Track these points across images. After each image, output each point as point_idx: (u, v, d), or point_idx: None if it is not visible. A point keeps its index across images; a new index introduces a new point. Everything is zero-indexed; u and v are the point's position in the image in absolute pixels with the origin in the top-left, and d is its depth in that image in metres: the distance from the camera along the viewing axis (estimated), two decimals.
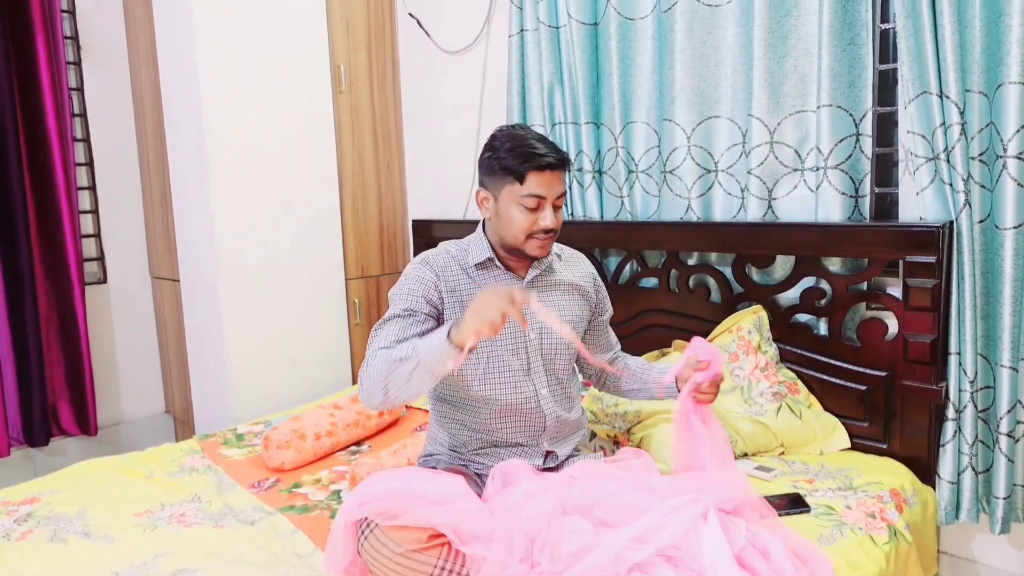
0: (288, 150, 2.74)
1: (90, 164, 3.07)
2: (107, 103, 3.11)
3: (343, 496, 1.82)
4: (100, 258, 3.12)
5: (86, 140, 3.05)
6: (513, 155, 1.40)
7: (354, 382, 3.00)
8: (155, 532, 1.62)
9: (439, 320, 1.45)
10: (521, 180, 1.40)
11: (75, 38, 3.00)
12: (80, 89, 3.03)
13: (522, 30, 2.52)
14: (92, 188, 3.08)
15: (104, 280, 3.14)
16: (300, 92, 2.76)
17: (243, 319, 2.64)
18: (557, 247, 1.60)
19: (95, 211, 3.10)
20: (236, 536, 1.60)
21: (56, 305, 2.87)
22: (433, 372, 1.28)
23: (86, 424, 2.95)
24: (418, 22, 3.00)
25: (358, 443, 2.19)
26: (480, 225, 1.54)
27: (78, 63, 3.02)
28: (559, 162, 1.41)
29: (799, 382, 2.01)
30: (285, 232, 2.74)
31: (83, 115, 3.04)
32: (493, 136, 1.46)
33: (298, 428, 2.04)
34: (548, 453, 1.52)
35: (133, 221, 3.22)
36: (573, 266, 1.62)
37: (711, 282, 2.25)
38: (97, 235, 3.11)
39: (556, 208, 1.44)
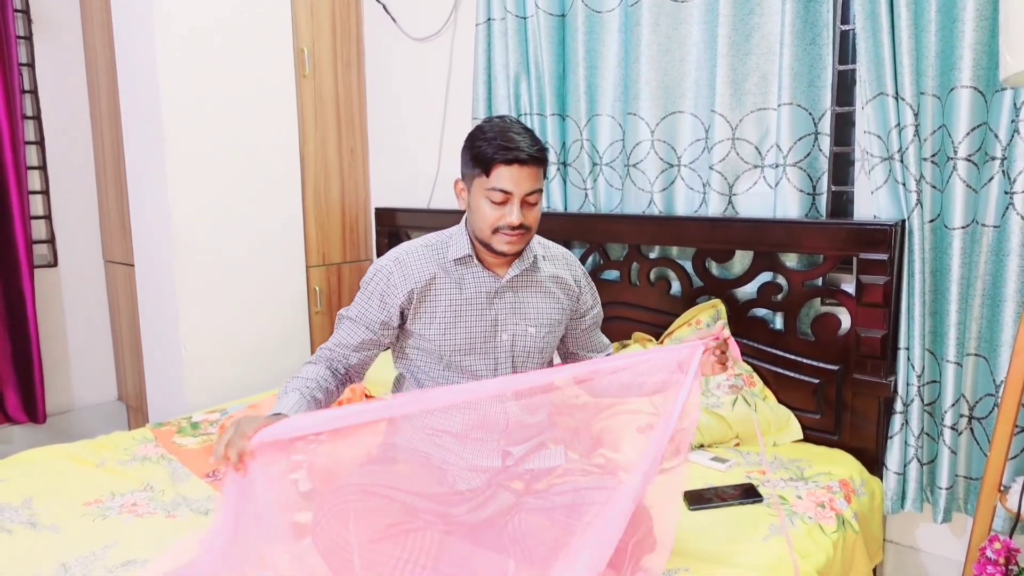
0: (249, 133, 2.68)
1: (41, 143, 2.97)
2: (59, 80, 3.01)
3: (300, 486, 1.80)
4: (51, 240, 3.03)
5: (37, 118, 2.95)
6: (484, 146, 1.36)
7: None
8: (105, 522, 1.58)
9: (394, 324, 1.44)
10: (487, 172, 1.36)
11: (26, 11, 2.89)
12: (31, 64, 2.92)
13: (489, 19, 2.51)
14: (43, 168, 2.98)
15: (55, 263, 3.04)
16: (262, 74, 2.71)
17: (200, 305, 2.59)
18: (542, 246, 1.53)
19: (45, 192, 3.00)
20: (189, 526, 1.57)
21: (3, 288, 2.77)
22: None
23: (34, 411, 2.86)
24: (384, 7, 2.97)
25: (316, 432, 2.17)
26: (464, 217, 1.49)
27: (29, 37, 2.91)
28: (530, 158, 1.34)
29: (755, 375, 2.05)
30: (244, 217, 2.69)
31: (34, 92, 2.94)
32: (477, 126, 1.42)
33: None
34: (505, 453, 1.49)
35: (86, 203, 3.13)
36: (558, 266, 1.54)
37: (672, 275, 2.27)
38: (48, 217, 3.01)
39: (529, 205, 1.38)
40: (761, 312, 2.12)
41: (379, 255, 3.05)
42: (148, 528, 1.56)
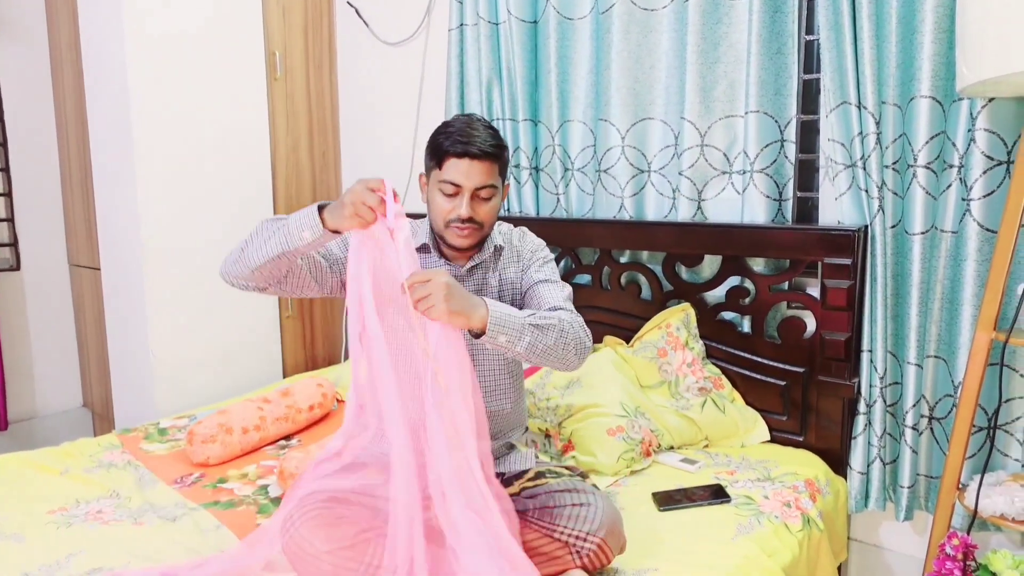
0: (219, 136, 2.66)
1: (3, 144, 2.91)
2: (23, 80, 2.95)
3: (270, 491, 1.79)
4: (13, 244, 2.97)
5: None
6: (441, 139, 1.38)
7: (284, 375, 2.94)
8: (69, 530, 1.55)
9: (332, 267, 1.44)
10: (440, 165, 1.38)
11: None
12: None
13: (462, 24, 2.52)
14: (5, 170, 2.92)
15: (17, 267, 2.98)
16: (233, 76, 2.68)
17: (168, 309, 2.55)
18: (503, 235, 1.55)
19: (8, 194, 2.94)
20: (156, 533, 1.55)
21: None
22: (289, 237, 1.26)
23: None
24: (356, 11, 2.96)
25: (287, 437, 2.16)
26: None
27: None
28: (481, 152, 1.35)
29: (723, 377, 2.08)
30: (214, 220, 2.66)
31: None
32: (443, 121, 1.45)
33: (224, 422, 1.99)
34: None
35: (50, 206, 3.07)
36: (518, 253, 1.56)
37: (642, 279, 2.30)
38: (10, 219, 2.95)
39: (482, 199, 1.39)
40: (729, 315, 2.15)
41: None
42: (114, 536, 1.53)
